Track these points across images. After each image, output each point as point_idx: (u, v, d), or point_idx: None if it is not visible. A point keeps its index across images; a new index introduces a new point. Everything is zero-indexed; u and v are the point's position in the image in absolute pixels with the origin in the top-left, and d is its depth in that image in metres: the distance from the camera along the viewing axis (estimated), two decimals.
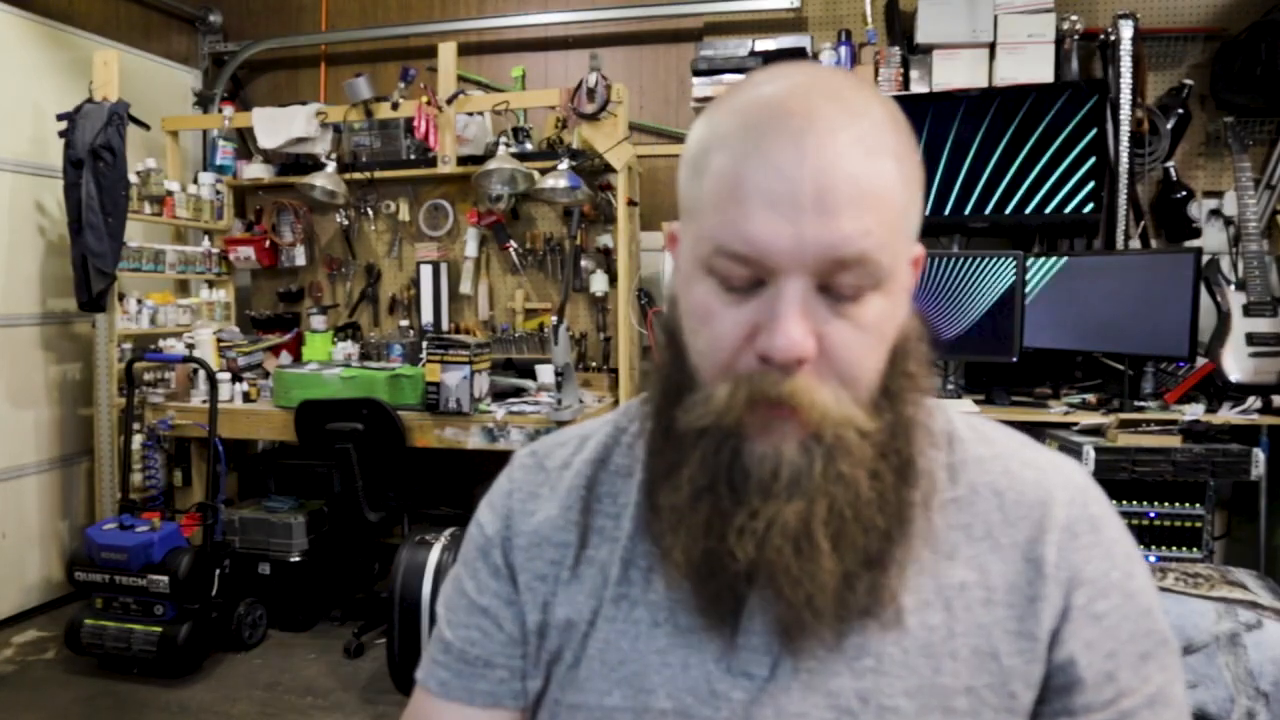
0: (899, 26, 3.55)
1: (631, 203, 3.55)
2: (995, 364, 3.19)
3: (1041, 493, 0.64)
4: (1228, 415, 2.84)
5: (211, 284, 4.05)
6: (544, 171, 3.50)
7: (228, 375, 3.59)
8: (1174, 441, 2.70)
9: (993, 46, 3.37)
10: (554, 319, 3.68)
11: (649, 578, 0.67)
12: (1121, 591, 0.63)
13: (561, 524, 0.71)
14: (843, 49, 3.56)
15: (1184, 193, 3.33)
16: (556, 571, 0.70)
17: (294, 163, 3.97)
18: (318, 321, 4.02)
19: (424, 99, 3.61)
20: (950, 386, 3.26)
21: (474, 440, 3.21)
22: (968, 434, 0.68)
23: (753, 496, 0.58)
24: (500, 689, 0.72)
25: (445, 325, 3.95)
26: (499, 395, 3.46)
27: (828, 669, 0.61)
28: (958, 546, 0.63)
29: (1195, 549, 2.81)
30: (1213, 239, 3.36)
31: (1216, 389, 2.98)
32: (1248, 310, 3.04)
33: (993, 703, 0.60)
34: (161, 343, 3.65)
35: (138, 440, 3.46)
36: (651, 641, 0.65)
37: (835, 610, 0.60)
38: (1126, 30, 3.22)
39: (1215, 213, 3.38)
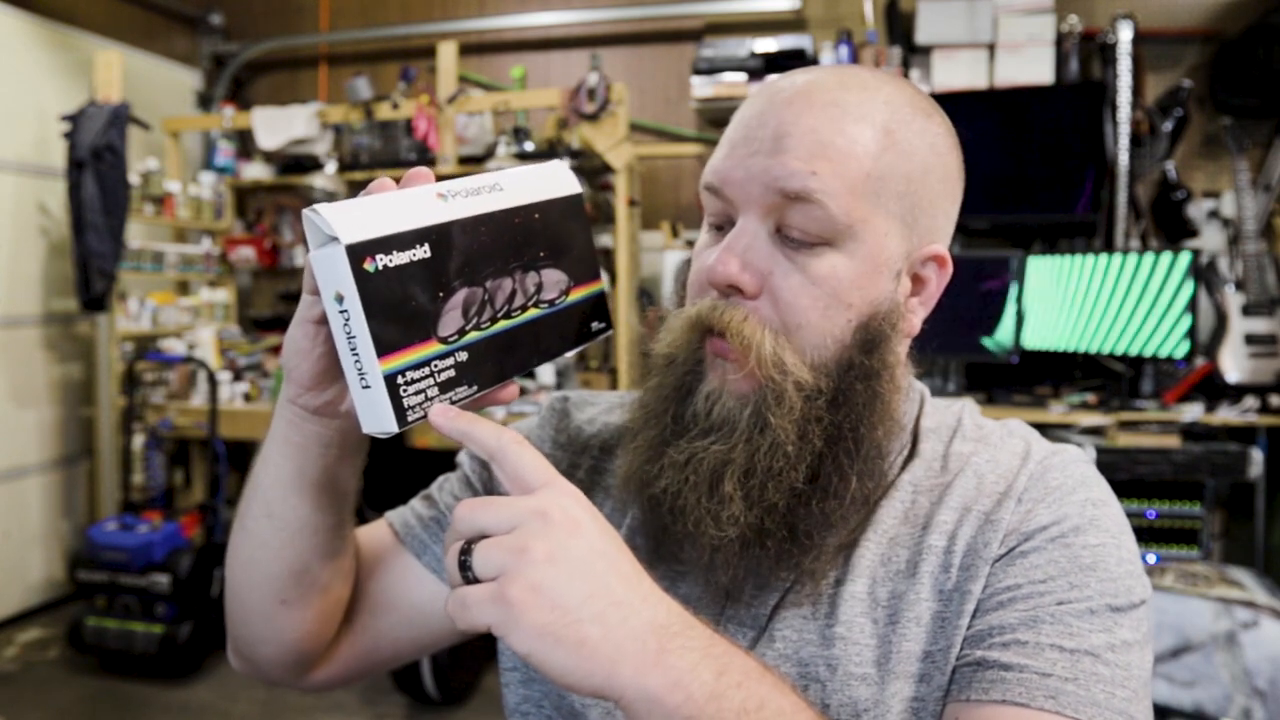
0: (899, 27, 3.55)
1: (632, 203, 3.56)
2: (995, 364, 3.20)
3: (1017, 471, 0.64)
4: (1226, 415, 2.85)
5: (212, 284, 4.06)
6: None
7: (228, 375, 3.60)
8: (1173, 441, 2.71)
9: (992, 47, 3.38)
10: None
11: (657, 550, 0.68)
12: (1059, 543, 0.59)
13: (567, 477, 0.75)
14: (843, 49, 3.57)
15: (1183, 193, 3.34)
16: None
17: (294, 163, 3.97)
18: None
19: (424, 99, 3.61)
20: (951, 387, 3.27)
21: None
22: (971, 430, 0.69)
23: (688, 430, 0.62)
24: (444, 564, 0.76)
25: None
26: None
27: (801, 638, 0.62)
28: (934, 517, 0.63)
29: (1194, 548, 2.82)
30: (1211, 239, 3.37)
31: (1215, 389, 2.99)
32: (1246, 311, 3.05)
33: (942, 665, 0.60)
34: (162, 343, 3.66)
35: (139, 440, 3.47)
36: None
37: (744, 565, 0.61)
38: (1125, 31, 3.23)
39: (1214, 213, 3.39)
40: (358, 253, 0.49)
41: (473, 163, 3.63)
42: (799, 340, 0.60)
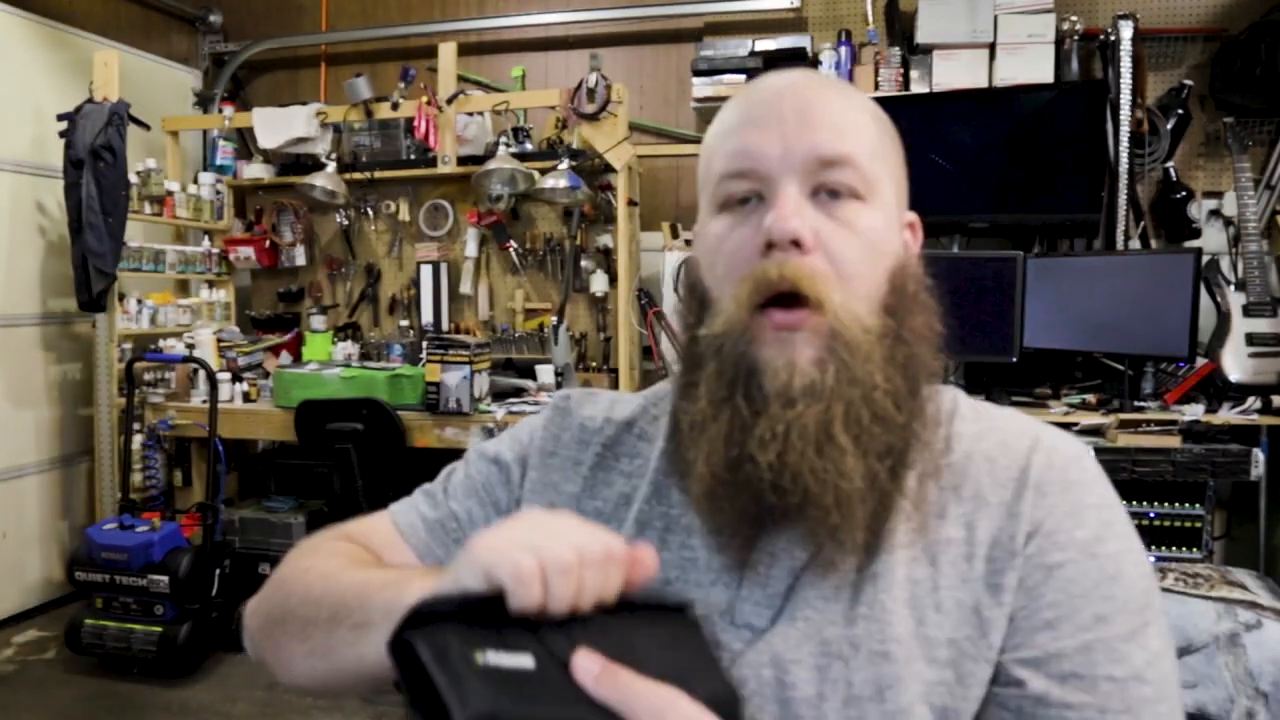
0: (899, 27, 3.55)
1: (631, 203, 3.55)
2: (995, 364, 3.19)
3: (1028, 456, 0.67)
4: (1227, 415, 2.84)
5: (211, 284, 4.05)
6: (544, 171, 3.50)
7: (228, 375, 3.59)
8: (1174, 442, 2.70)
9: (993, 47, 3.37)
10: (554, 319, 3.68)
11: (664, 538, 0.69)
12: (1083, 551, 0.62)
13: (572, 475, 0.76)
14: (843, 49, 3.56)
15: (1184, 193, 3.34)
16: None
17: (294, 163, 3.97)
18: (318, 321, 4.01)
19: (424, 99, 3.61)
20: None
21: (474, 440, 3.21)
22: (969, 412, 0.72)
23: (770, 406, 0.62)
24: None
25: (445, 325, 3.95)
26: (499, 395, 3.47)
27: (824, 618, 0.63)
28: (947, 506, 0.66)
29: (1195, 549, 2.82)
30: (1212, 239, 3.36)
31: (1216, 389, 2.98)
32: (1247, 310, 3.04)
33: (971, 652, 0.62)
34: (162, 343, 3.65)
35: (138, 440, 3.46)
36: None
37: (863, 517, 0.62)
38: (1126, 30, 3.22)
39: (1215, 213, 3.39)
40: None
41: (473, 162, 3.62)
42: (854, 289, 0.64)
